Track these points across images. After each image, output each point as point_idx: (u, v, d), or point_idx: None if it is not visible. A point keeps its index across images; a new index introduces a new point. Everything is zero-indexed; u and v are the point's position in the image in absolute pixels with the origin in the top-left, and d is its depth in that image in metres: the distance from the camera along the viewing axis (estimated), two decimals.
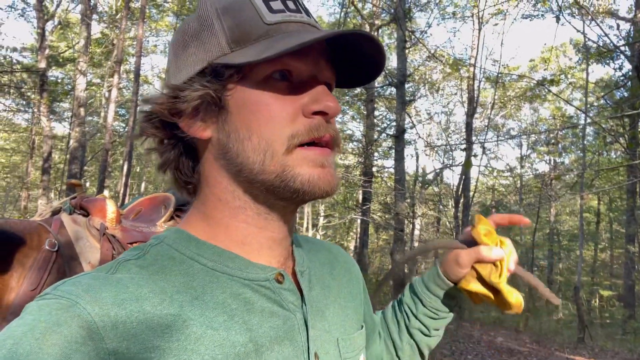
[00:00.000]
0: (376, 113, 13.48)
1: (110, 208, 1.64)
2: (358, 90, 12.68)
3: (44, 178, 10.02)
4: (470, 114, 11.33)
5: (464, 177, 11.09)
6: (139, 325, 0.43)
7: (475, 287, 0.72)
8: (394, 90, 9.77)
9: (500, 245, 0.71)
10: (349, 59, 0.56)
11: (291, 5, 0.53)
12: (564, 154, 20.24)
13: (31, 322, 0.40)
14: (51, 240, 1.39)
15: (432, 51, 11.21)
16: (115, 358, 0.41)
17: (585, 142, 13.54)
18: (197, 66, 0.52)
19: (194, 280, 0.49)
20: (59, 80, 15.25)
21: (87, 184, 17.23)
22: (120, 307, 0.43)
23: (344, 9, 9.25)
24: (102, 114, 15.40)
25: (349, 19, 11.60)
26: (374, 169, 12.43)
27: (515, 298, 0.69)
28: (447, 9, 12.85)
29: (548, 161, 20.98)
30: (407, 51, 9.01)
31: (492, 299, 0.71)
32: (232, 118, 0.51)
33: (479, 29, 12.15)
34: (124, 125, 16.27)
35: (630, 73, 9.13)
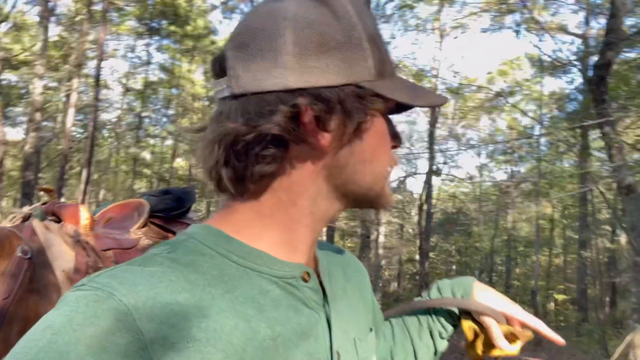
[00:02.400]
0: None
1: (84, 214, 1.59)
2: None
3: None
4: (432, 124, 11.63)
5: (428, 185, 11.34)
6: (174, 316, 0.44)
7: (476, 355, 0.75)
8: None
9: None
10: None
11: None
12: (520, 163, 21.02)
13: (69, 313, 0.41)
14: (23, 247, 1.33)
15: (396, 62, 11.46)
16: (152, 349, 0.42)
17: (540, 151, 14.14)
18: (337, 78, 0.50)
19: (224, 275, 0.50)
20: (13, 84, 14.61)
21: (40, 193, 16.48)
22: (154, 299, 0.44)
23: None
24: (59, 119, 14.83)
25: None
26: None
27: (512, 350, 0.72)
28: (409, 22, 13.19)
29: (505, 170, 21.73)
30: None
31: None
32: (363, 141, 0.54)
33: (441, 42, 12.53)
34: (82, 130, 15.73)
35: (581, 86, 9.64)
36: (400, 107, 0.60)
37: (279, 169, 0.52)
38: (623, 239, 14.17)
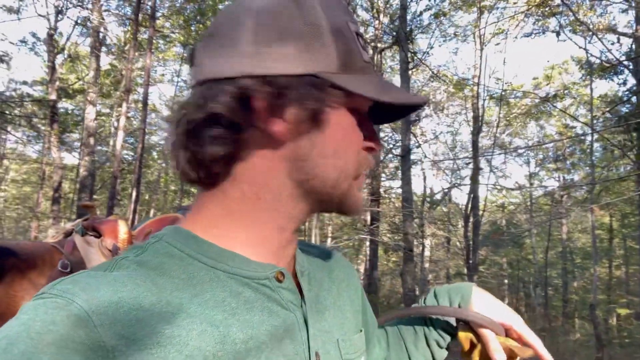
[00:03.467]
0: (381, 134, 13.55)
1: (122, 229, 1.65)
2: None
3: (54, 208, 10.11)
4: (476, 132, 11.35)
5: (472, 195, 11.03)
6: (137, 323, 0.43)
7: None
8: None
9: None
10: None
11: (363, 42, 0.57)
12: (572, 171, 20.10)
13: (26, 322, 0.40)
14: (64, 261, 1.40)
15: (435, 71, 11.32)
16: (114, 356, 0.41)
17: (593, 157, 13.47)
18: (297, 67, 0.49)
19: (193, 278, 0.49)
20: (69, 112, 15.54)
21: (97, 213, 17.31)
22: (117, 304, 0.43)
23: None
24: (111, 143, 15.61)
25: None
26: (381, 190, 12.41)
27: None
28: (448, 30, 13.03)
29: (557, 178, 20.84)
30: (410, 72, 9.11)
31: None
32: (324, 133, 0.52)
33: (481, 49, 12.28)
34: (132, 153, 16.47)
35: (634, 87, 9.15)
36: (388, 114, 0.61)
37: (235, 154, 0.52)
38: None
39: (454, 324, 0.76)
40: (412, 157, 10.27)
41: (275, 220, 0.54)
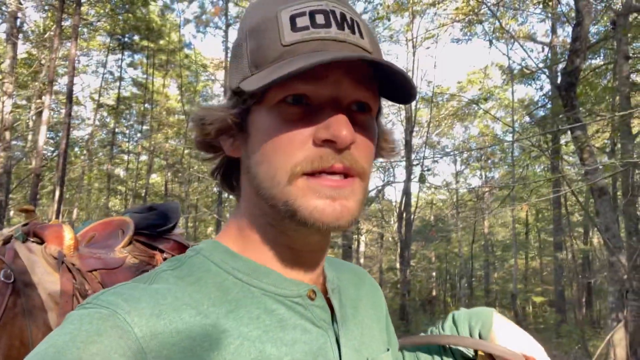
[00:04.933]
0: None
1: (68, 234, 1.55)
2: None
3: None
4: (409, 132, 11.78)
5: (406, 193, 11.45)
6: (177, 335, 0.44)
7: None
8: None
9: None
10: (386, 74, 0.51)
11: (320, 19, 0.48)
12: (493, 169, 21.45)
13: (73, 331, 0.41)
14: (6, 271, 1.29)
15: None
16: None
17: (513, 157, 14.47)
18: (230, 90, 0.53)
19: (228, 294, 0.50)
20: None
21: (11, 213, 15.96)
22: (158, 317, 0.44)
23: None
24: (30, 138, 14.45)
25: None
26: None
27: None
28: (383, 33, 13.39)
29: (480, 176, 22.15)
30: None
31: None
32: (250, 141, 0.52)
33: (413, 52, 12.76)
34: (53, 148, 15.36)
35: (550, 93, 9.93)
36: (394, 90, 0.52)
37: (225, 172, 0.59)
38: (596, 240, 14.57)
39: (473, 353, 0.74)
40: None
41: (275, 236, 0.53)
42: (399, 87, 0.51)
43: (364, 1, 10.70)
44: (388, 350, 0.65)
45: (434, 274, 21.14)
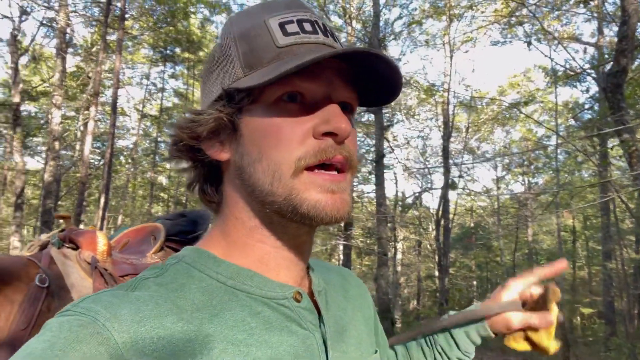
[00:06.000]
0: None
1: (101, 241, 1.60)
2: None
3: (16, 214, 9.71)
4: (446, 138, 11.57)
5: (444, 200, 11.23)
6: (159, 341, 0.43)
7: (523, 347, 0.72)
8: (372, 116, 9.93)
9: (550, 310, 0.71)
10: (369, 79, 0.56)
11: (308, 27, 0.53)
12: (537, 175, 20.74)
13: (51, 339, 0.40)
14: (41, 275, 1.34)
15: (407, 78, 11.50)
16: None
17: (557, 162, 13.94)
18: (215, 92, 0.54)
19: (213, 298, 0.49)
20: (33, 115, 15.01)
21: (61, 220, 16.71)
22: (139, 323, 0.43)
23: None
24: (78, 147, 15.15)
25: None
26: (355, 194, 12.49)
27: (554, 347, 0.72)
28: (419, 37, 13.25)
29: (523, 182, 21.45)
30: None
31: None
32: (245, 140, 0.52)
33: (451, 56, 12.54)
34: (99, 157, 16.03)
35: (597, 95, 9.53)
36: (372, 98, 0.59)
37: (221, 187, 0.58)
38: None
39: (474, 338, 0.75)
40: (385, 161, 10.37)
41: (264, 238, 0.54)
42: (380, 88, 0.56)
43: (399, 6, 10.63)
44: (376, 352, 0.65)
45: (474, 282, 20.60)
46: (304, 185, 0.49)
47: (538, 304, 0.72)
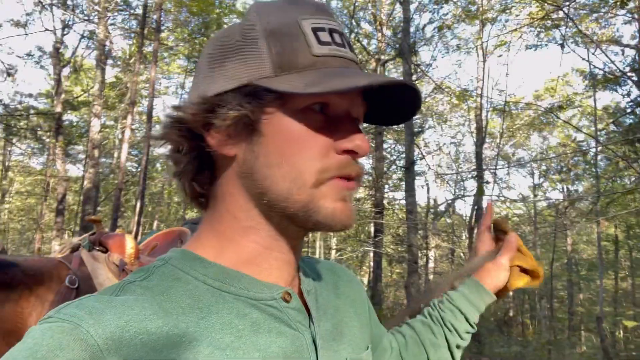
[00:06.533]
0: (385, 145, 13.56)
1: (129, 244, 1.65)
2: (366, 124, 12.81)
3: (57, 220, 10.12)
4: (479, 144, 11.35)
5: (476, 207, 11.00)
6: (143, 347, 0.43)
7: (524, 281, 0.80)
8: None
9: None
10: (384, 99, 0.57)
11: (337, 39, 0.53)
12: (576, 182, 20.03)
13: (33, 346, 0.40)
14: (71, 277, 1.39)
15: (438, 83, 11.36)
16: None
17: (597, 169, 13.43)
18: (234, 82, 0.51)
19: (199, 301, 0.49)
20: (74, 124, 15.65)
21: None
22: (123, 328, 0.43)
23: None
24: (116, 155, 15.67)
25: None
26: (385, 201, 12.39)
27: (542, 268, 0.80)
28: (450, 42, 13.10)
29: (561, 189, 20.77)
30: None
31: (532, 281, 0.81)
32: (265, 142, 0.51)
33: (484, 61, 12.33)
34: (136, 165, 16.53)
35: (638, 98, 9.15)
36: (377, 116, 0.59)
37: (218, 182, 0.55)
38: None
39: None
40: (416, 168, 10.27)
41: (259, 239, 0.54)
42: (395, 112, 0.58)
43: (430, 12, 10.55)
44: (368, 348, 0.64)
45: (510, 293, 20.00)
46: (322, 193, 0.50)
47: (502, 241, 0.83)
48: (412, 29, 9.61)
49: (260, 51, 0.51)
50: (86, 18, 10.08)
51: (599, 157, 13.42)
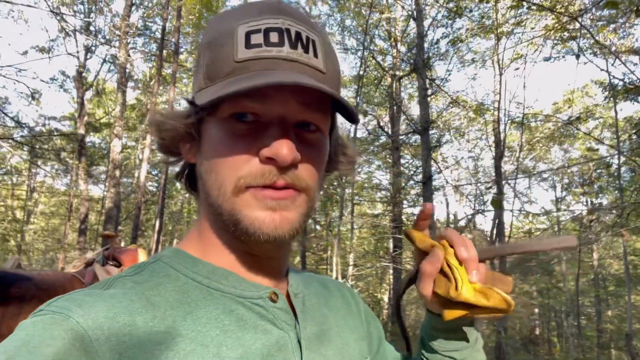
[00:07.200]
0: (402, 161, 13.51)
1: (142, 258, 1.68)
2: (383, 139, 12.82)
3: (80, 239, 10.30)
4: (498, 157, 11.21)
5: (497, 221, 10.81)
6: (130, 339, 0.44)
7: (455, 312, 0.57)
8: (418, 137, 9.82)
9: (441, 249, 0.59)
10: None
11: (273, 38, 0.50)
12: (600, 195, 19.56)
13: (25, 337, 0.41)
14: None
15: (454, 97, 11.33)
16: None
17: (621, 181, 13.11)
18: (192, 95, 0.56)
19: (187, 296, 0.50)
20: (96, 145, 16.03)
21: (122, 243, 17.54)
22: (112, 320, 0.44)
23: (363, 62, 9.53)
24: (136, 175, 15.96)
25: (368, 72, 11.92)
26: (403, 217, 12.29)
27: (494, 300, 0.54)
28: (466, 57, 13.08)
29: (585, 203, 20.29)
30: (428, 99, 9.13)
31: (481, 312, 0.56)
32: (203, 150, 0.54)
33: (500, 74, 12.26)
34: (156, 184, 16.78)
35: None
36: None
37: (189, 175, 0.60)
38: None
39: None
40: (434, 183, 10.18)
41: (231, 241, 0.54)
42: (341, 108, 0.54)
43: (443, 26, 10.58)
44: (366, 358, 0.64)
45: (536, 310, 19.47)
46: (245, 202, 0.49)
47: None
48: (426, 45, 9.64)
49: (200, 63, 0.54)
50: (108, 42, 10.40)
51: (622, 169, 13.12)
